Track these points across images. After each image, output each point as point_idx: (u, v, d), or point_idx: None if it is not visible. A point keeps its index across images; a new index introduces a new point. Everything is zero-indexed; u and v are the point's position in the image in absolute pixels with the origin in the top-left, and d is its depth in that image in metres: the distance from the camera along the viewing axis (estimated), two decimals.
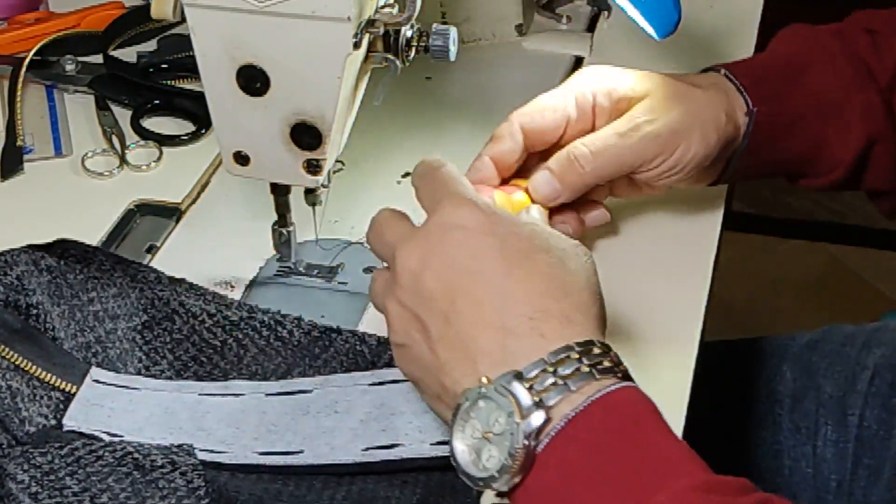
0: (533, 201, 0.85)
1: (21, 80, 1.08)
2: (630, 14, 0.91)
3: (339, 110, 0.78)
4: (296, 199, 0.87)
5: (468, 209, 0.70)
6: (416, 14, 0.77)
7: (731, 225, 0.97)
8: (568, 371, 0.64)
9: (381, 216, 0.75)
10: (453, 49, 0.81)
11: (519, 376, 0.64)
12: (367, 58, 0.80)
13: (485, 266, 0.68)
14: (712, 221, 0.95)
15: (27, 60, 1.09)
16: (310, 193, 0.86)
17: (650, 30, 0.91)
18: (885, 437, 1.01)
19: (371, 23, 0.76)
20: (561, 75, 1.11)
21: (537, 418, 0.63)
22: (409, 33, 0.79)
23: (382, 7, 0.77)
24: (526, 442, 0.62)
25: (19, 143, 1.03)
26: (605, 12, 1.18)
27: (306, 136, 0.79)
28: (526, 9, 1.15)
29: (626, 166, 0.85)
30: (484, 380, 0.64)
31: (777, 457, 1.06)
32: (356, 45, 0.75)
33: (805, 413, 1.06)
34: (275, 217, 0.87)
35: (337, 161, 0.85)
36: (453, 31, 0.81)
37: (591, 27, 1.18)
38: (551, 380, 0.64)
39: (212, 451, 0.76)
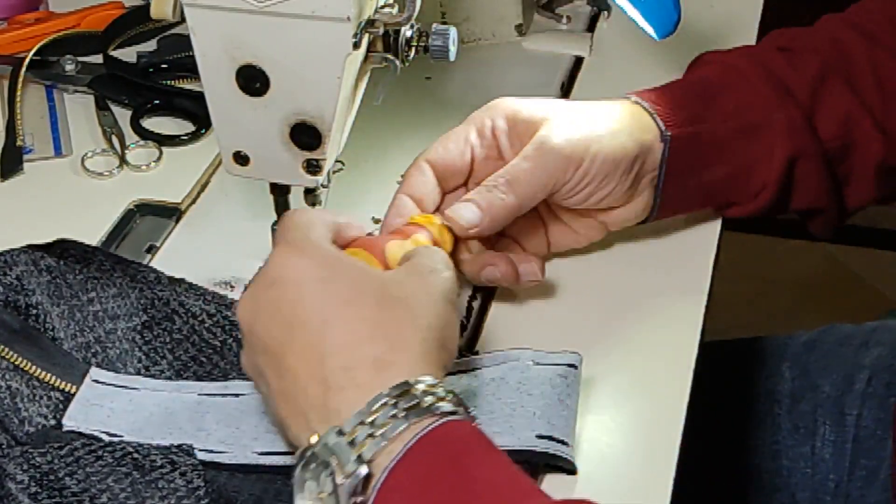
0: (456, 238, 0.83)
1: (21, 80, 1.08)
2: (630, 14, 0.91)
3: (338, 110, 0.78)
4: (295, 200, 0.87)
5: (295, 259, 0.70)
6: (415, 14, 0.77)
7: (731, 225, 0.97)
8: (383, 419, 0.64)
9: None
10: (453, 49, 0.81)
11: (341, 432, 0.64)
12: (366, 58, 0.80)
13: (308, 317, 0.68)
14: (712, 221, 0.95)
15: (27, 60, 1.09)
16: (309, 193, 0.86)
17: (650, 30, 0.91)
18: (883, 437, 1.01)
19: (371, 23, 0.76)
20: (561, 75, 1.11)
21: (359, 475, 0.62)
22: (408, 33, 0.79)
23: (382, 7, 0.77)
24: (354, 500, 0.62)
25: (19, 143, 1.03)
26: (605, 12, 1.18)
27: (306, 136, 0.79)
28: (526, 9, 1.15)
29: (541, 186, 0.83)
30: (314, 438, 0.65)
31: (776, 457, 1.06)
32: (356, 45, 0.75)
33: (803, 413, 1.06)
34: (274, 217, 0.87)
35: (337, 161, 0.85)
36: (453, 31, 0.81)
37: (591, 27, 1.18)
38: (369, 431, 0.63)
39: (211, 451, 0.76)
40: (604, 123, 0.85)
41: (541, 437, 0.73)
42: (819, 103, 0.90)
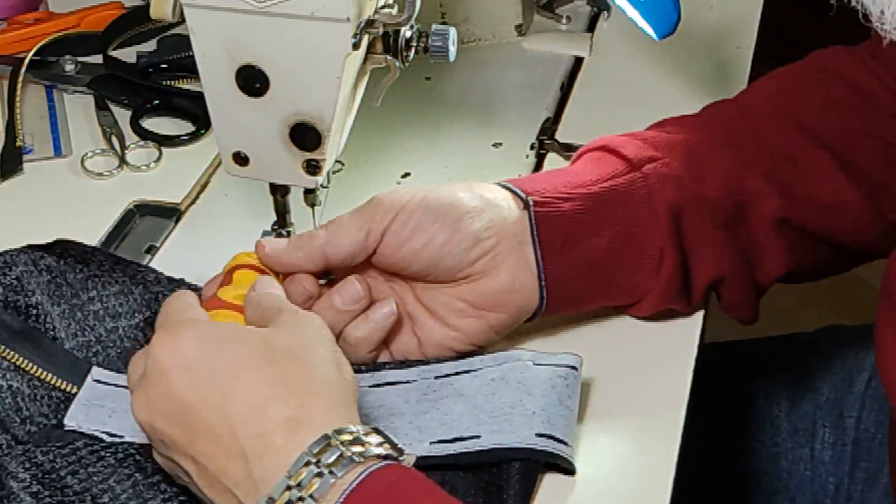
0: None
1: (21, 80, 1.08)
2: (629, 14, 0.91)
3: (338, 111, 0.78)
4: (295, 200, 0.87)
5: (174, 343, 0.69)
6: (415, 14, 0.77)
7: None
8: (308, 481, 0.64)
9: (133, 358, 0.73)
10: (453, 49, 0.81)
11: (271, 500, 0.64)
12: (366, 58, 0.80)
13: (205, 395, 0.67)
14: None
15: (27, 60, 1.09)
16: (309, 194, 0.86)
17: (649, 30, 0.91)
18: (883, 440, 1.01)
19: (370, 23, 0.76)
20: (560, 75, 1.11)
21: None
22: (408, 34, 0.79)
23: (382, 7, 0.77)
24: None
25: (19, 143, 1.03)
26: (605, 12, 1.18)
27: (305, 136, 0.79)
28: (526, 9, 1.15)
29: (356, 226, 0.79)
30: None
31: (775, 459, 1.06)
32: (355, 46, 0.75)
33: (803, 415, 1.06)
34: (274, 217, 0.87)
35: (336, 161, 0.85)
36: (452, 32, 0.81)
37: (590, 27, 1.18)
38: (296, 494, 0.64)
39: None
40: (444, 186, 0.82)
41: (540, 435, 0.73)
42: (696, 159, 0.84)
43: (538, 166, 1.01)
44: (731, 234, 0.84)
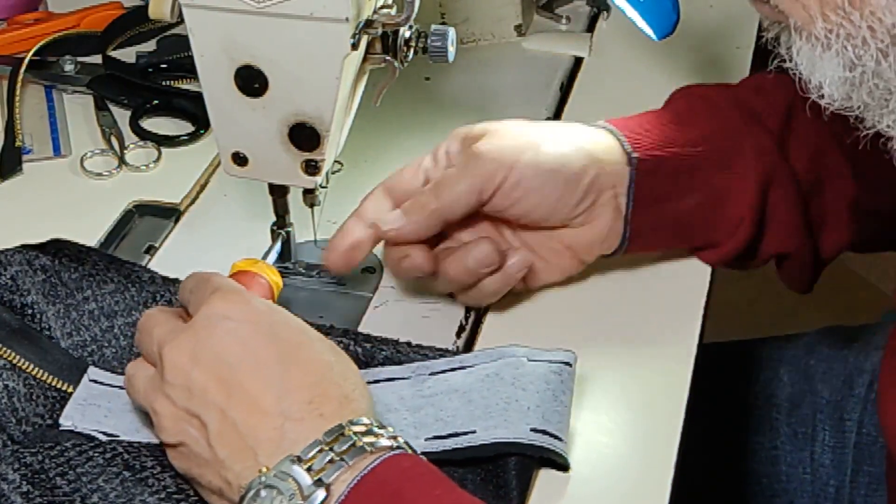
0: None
1: (20, 80, 1.08)
2: (629, 15, 0.91)
3: (337, 111, 0.78)
4: (294, 200, 0.87)
5: (235, 300, 0.72)
6: (414, 15, 0.77)
7: None
8: (344, 447, 0.66)
9: (148, 313, 0.75)
10: (452, 50, 0.81)
11: (297, 460, 0.66)
12: (365, 59, 0.80)
13: (258, 355, 0.70)
14: None
15: (26, 61, 1.09)
16: (308, 194, 0.86)
17: (649, 31, 0.91)
18: (885, 443, 1.01)
19: (369, 24, 0.76)
20: (560, 76, 1.11)
21: (318, 496, 0.65)
22: (407, 34, 0.79)
23: (381, 8, 0.77)
24: None
25: (18, 143, 1.03)
26: (605, 13, 1.18)
27: (305, 136, 0.79)
28: (525, 9, 1.15)
29: (465, 190, 0.82)
30: (263, 469, 0.66)
31: (774, 462, 1.06)
32: (354, 46, 0.75)
33: (802, 418, 1.06)
34: (273, 218, 0.87)
35: (335, 161, 0.85)
36: (452, 32, 0.81)
37: (590, 27, 1.18)
38: (329, 457, 0.66)
39: None
40: (549, 136, 0.84)
41: (535, 430, 0.73)
42: (790, 131, 0.88)
43: None
44: (805, 209, 0.88)
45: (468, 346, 0.84)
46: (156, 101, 1.08)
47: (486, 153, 0.82)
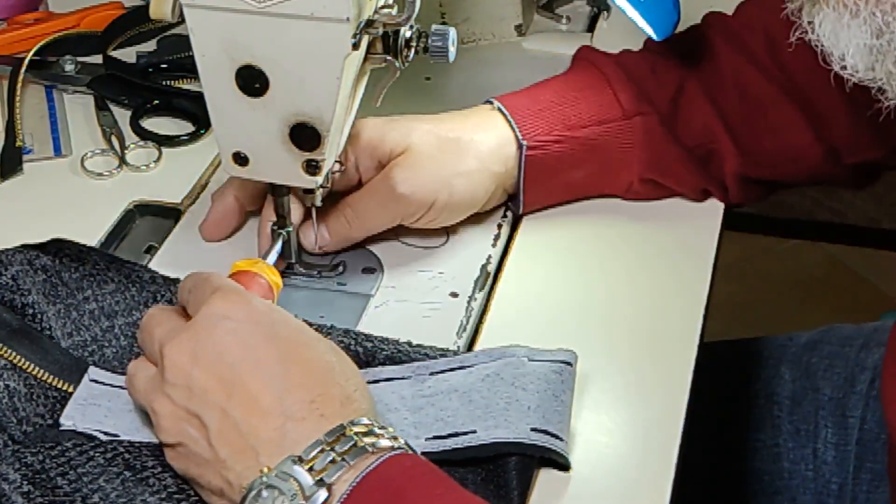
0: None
1: (20, 80, 1.08)
2: (629, 14, 0.91)
3: (338, 111, 0.78)
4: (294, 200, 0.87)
5: (236, 299, 0.72)
6: (415, 15, 0.77)
7: (731, 225, 0.97)
8: (345, 447, 0.66)
9: (150, 313, 0.76)
10: (452, 50, 0.81)
11: (298, 460, 0.66)
12: (366, 58, 0.80)
13: (259, 355, 0.70)
14: (712, 221, 0.95)
15: (27, 61, 1.09)
16: (308, 194, 0.86)
17: (649, 30, 0.91)
18: (887, 440, 1.01)
19: (370, 23, 0.76)
20: None
21: (320, 496, 0.65)
22: (407, 34, 0.79)
23: (381, 8, 0.77)
24: None
25: (19, 143, 1.03)
26: (605, 12, 1.18)
27: (305, 136, 0.79)
28: (525, 9, 1.15)
29: (385, 223, 0.89)
30: (265, 469, 0.66)
31: (776, 459, 1.06)
32: (355, 46, 0.75)
33: (804, 415, 1.06)
34: (274, 218, 0.87)
35: (336, 161, 0.85)
36: (452, 32, 0.81)
37: (590, 27, 1.18)
38: (331, 457, 0.66)
39: None
40: (461, 163, 0.88)
41: (535, 430, 0.73)
42: (679, 111, 0.92)
43: None
44: (697, 167, 0.94)
45: (469, 346, 0.84)
46: (156, 101, 1.08)
47: (408, 196, 0.86)
